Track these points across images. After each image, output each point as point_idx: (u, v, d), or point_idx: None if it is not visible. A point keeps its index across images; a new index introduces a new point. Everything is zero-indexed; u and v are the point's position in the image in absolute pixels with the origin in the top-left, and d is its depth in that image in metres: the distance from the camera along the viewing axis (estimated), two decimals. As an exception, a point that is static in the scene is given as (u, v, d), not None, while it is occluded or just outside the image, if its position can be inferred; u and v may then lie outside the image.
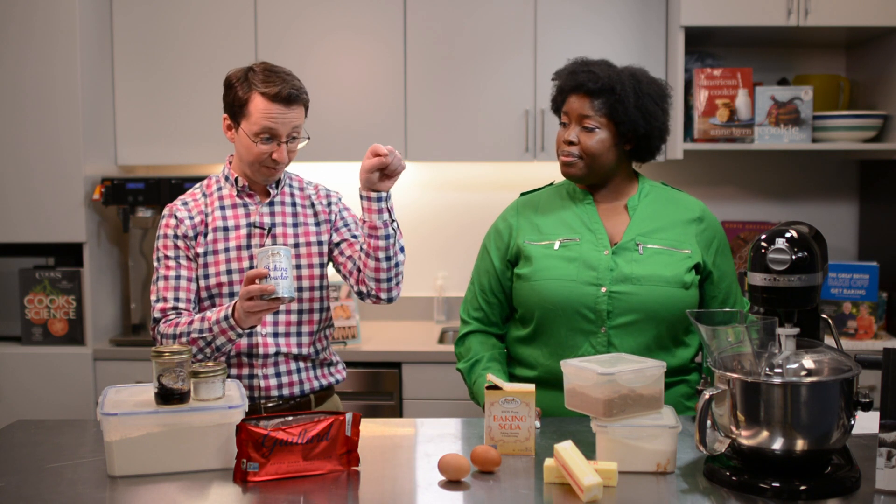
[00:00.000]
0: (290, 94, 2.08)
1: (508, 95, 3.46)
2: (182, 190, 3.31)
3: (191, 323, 2.05)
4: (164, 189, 3.33)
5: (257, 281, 1.90)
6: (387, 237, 2.07)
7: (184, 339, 2.04)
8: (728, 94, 3.30)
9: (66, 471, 1.73)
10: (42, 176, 3.27)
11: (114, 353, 3.32)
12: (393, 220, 2.07)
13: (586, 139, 2.08)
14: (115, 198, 3.31)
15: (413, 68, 3.47)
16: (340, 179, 3.57)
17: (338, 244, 2.21)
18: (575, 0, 3.42)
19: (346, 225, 2.23)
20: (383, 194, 2.05)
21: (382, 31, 3.46)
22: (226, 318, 1.99)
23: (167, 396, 1.73)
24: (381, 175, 2.04)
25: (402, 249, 2.12)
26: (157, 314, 2.12)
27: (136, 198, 3.32)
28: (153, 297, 2.14)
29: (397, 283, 2.14)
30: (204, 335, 2.02)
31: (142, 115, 3.51)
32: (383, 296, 2.15)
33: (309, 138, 2.17)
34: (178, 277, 2.13)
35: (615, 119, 2.07)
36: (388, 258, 2.09)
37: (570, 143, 2.10)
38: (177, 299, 2.12)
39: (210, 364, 1.78)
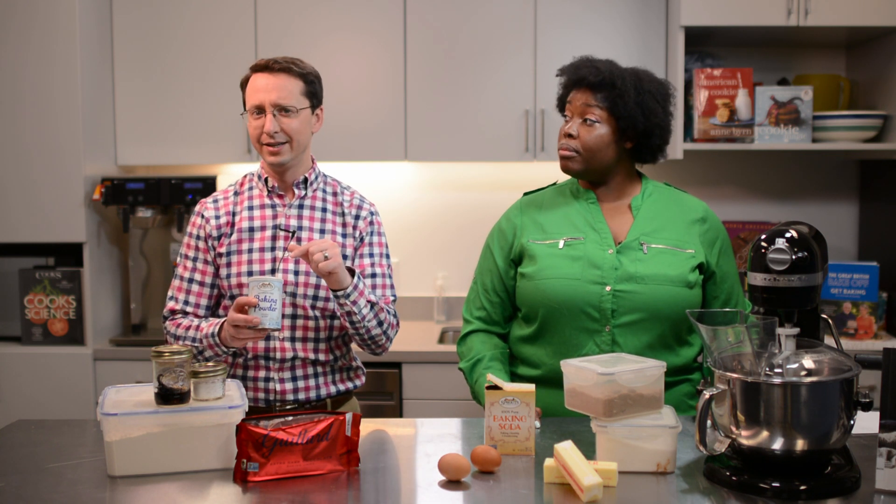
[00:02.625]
0: (272, 61, 2.08)
1: (508, 95, 3.46)
2: (182, 190, 3.32)
3: (188, 328, 2.11)
4: (164, 189, 3.33)
5: (247, 309, 1.92)
6: (352, 323, 2.07)
7: (181, 343, 2.09)
8: (728, 94, 3.29)
9: (66, 471, 1.73)
10: (42, 176, 3.27)
11: (114, 353, 3.32)
12: (358, 311, 2.04)
13: (585, 133, 2.08)
14: (115, 198, 3.31)
15: (413, 68, 3.47)
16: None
17: None
18: (575, 0, 3.43)
19: (370, 255, 2.19)
20: (339, 293, 2.02)
21: (382, 31, 3.46)
22: (213, 335, 2.04)
23: (167, 396, 1.73)
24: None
25: (379, 324, 2.10)
26: (166, 312, 2.19)
27: (136, 198, 3.32)
28: (168, 293, 2.20)
29: (379, 346, 2.16)
30: (196, 344, 2.07)
31: (142, 115, 3.51)
32: (368, 352, 2.19)
33: (314, 110, 2.14)
34: (191, 281, 2.17)
35: (615, 113, 2.07)
36: (359, 334, 2.11)
37: (570, 137, 2.10)
38: (186, 303, 2.17)
39: (210, 364, 1.78)
